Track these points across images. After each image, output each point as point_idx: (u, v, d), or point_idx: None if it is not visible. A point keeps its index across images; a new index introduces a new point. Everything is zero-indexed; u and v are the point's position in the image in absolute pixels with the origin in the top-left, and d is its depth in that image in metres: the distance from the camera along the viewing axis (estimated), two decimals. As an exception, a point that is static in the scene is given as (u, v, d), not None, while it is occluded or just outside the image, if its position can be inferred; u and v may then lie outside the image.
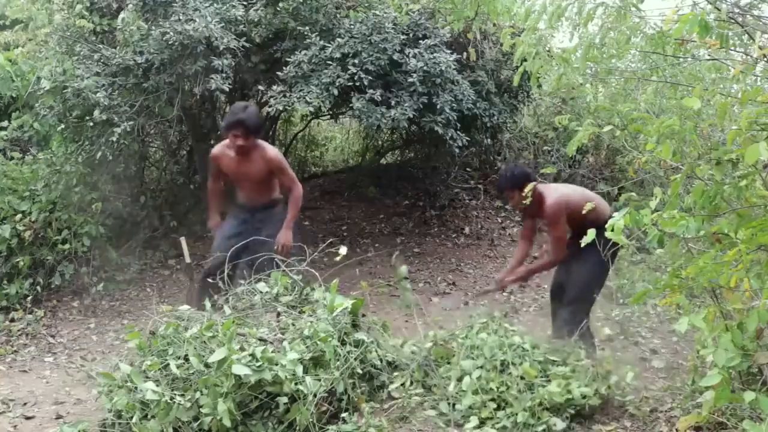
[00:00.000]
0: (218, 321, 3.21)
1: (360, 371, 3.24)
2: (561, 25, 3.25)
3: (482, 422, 2.99)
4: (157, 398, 2.82)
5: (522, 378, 3.08)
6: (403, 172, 7.90)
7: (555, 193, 3.76)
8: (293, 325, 3.30)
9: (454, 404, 3.12)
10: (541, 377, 3.11)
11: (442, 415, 3.11)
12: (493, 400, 3.06)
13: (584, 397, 2.99)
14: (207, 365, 2.93)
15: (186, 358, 3.01)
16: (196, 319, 3.29)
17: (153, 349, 3.14)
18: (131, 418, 2.87)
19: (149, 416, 2.86)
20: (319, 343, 3.11)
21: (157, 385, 2.89)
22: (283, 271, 3.66)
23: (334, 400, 3.10)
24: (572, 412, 2.97)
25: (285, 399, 2.90)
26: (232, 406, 2.81)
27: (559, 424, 2.89)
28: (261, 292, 3.57)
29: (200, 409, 2.83)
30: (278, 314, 3.43)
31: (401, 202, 7.41)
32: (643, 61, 3.83)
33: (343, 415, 3.07)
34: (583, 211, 2.98)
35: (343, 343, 3.23)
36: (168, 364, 2.97)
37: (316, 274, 3.65)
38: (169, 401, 2.83)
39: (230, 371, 2.84)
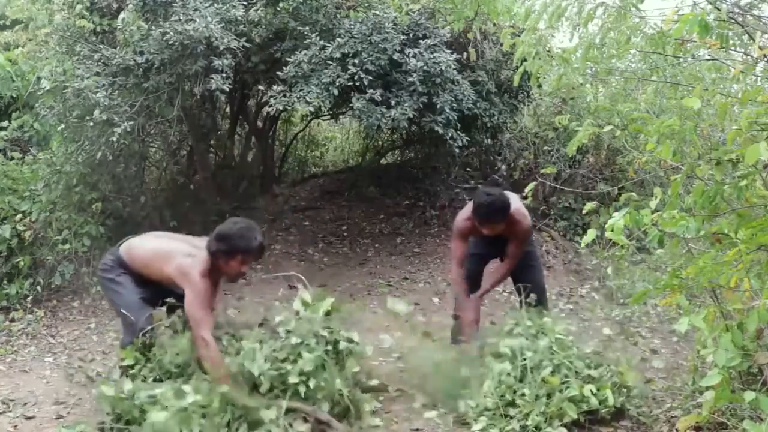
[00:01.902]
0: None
1: (357, 369, 3.25)
2: (561, 25, 3.25)
3: (491, 424, 2.98)
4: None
5: (544, 381, 3.02)
6: (403, 172, 7.90)
7: (520, 209, 3.72)
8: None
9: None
10: (564, 380, 3.04)
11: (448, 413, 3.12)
12: (511, 404, 3.04)
13: (602, 402, 2.95)
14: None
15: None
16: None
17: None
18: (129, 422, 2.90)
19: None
20: (313, 345, 3.12)
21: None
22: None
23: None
24: (581, 418, 2.96)
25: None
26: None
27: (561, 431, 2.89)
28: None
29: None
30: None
31: (401, 202, 7.41)
32: (643, 61, 3.83)
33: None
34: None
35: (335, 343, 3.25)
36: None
37: (302, 277, 3.60)
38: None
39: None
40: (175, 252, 3.30)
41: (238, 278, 3.44)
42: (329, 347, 3.13)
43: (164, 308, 3.38)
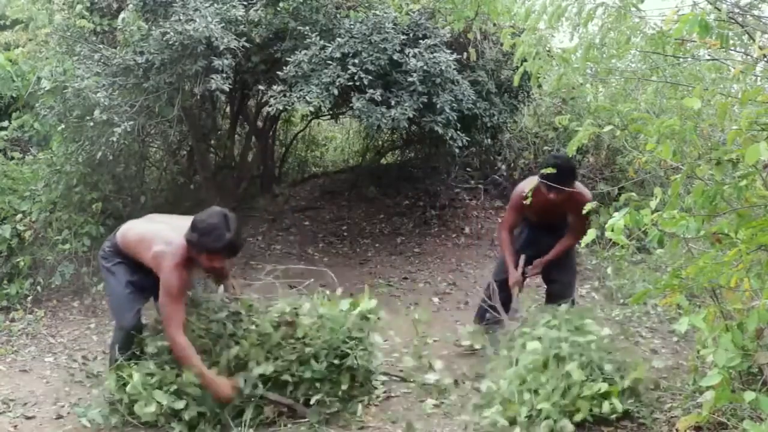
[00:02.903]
0: None
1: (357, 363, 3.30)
2: (561, 25, 3.25)
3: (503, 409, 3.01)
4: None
5: (569, 374, 3.02)
6: (403, 172, 7.90)
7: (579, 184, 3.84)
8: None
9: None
10: (588, 378, 3.04)
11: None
12: (529, 391, 3.05)
13: (612, 409, 2.96)
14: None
15: None
16: None
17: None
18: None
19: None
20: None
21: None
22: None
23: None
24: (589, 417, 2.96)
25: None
26: None
27: (569, 427, 2.89)
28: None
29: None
30: None
31: (401, 202, 7.41)
32: (643, 61, 3.82)
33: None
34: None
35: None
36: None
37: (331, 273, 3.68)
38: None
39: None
40: (156, 239, 3.23)
41: (214, 272, 3.36)
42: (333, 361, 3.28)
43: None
